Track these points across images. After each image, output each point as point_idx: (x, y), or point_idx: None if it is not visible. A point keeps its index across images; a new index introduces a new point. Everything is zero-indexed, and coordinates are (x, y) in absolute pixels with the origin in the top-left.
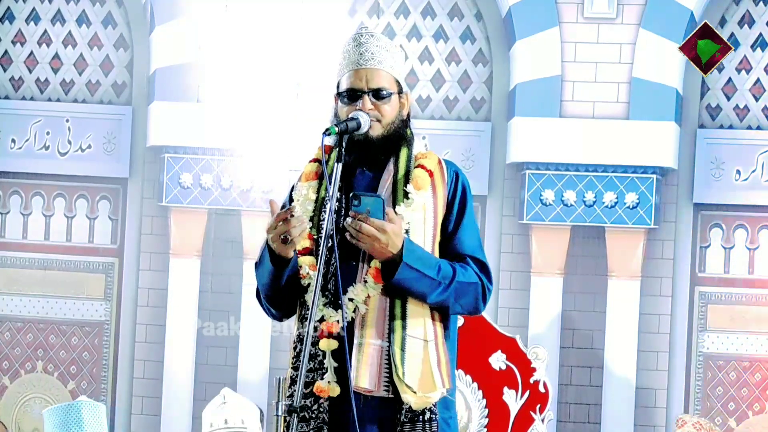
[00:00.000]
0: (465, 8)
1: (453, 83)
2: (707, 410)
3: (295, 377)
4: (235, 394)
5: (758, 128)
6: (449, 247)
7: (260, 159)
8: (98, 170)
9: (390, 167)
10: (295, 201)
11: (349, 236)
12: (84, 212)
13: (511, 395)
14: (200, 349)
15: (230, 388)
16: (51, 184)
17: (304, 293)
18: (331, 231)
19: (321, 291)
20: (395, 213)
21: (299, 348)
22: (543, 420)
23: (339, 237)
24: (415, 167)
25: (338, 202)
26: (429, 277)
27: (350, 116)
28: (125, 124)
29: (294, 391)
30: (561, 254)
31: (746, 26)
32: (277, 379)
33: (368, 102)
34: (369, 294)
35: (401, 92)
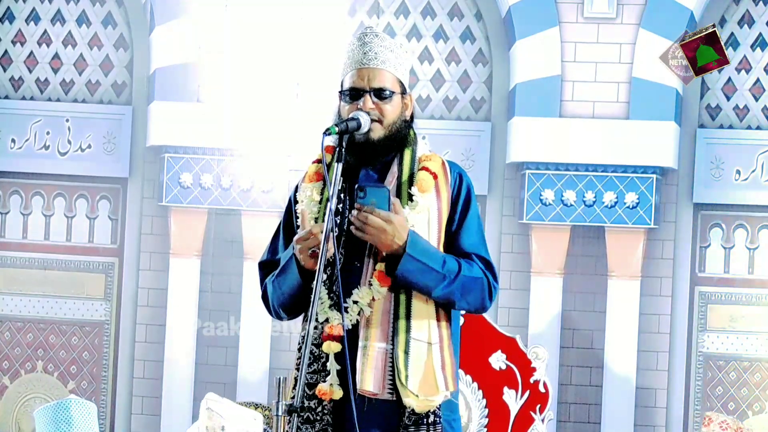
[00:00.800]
0: (465, 8)
1: (453, 83)
2: (707, 410)
3: (297, 378)
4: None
5: (758, 128)
6: (453, 246)
7: (260, 159)
8: (98, 170)
9: (394, 169)
10: (300, 202)
11: (355, 229)
12: (84, 212)
13: (511, 395)
14: (200, 349)
15: (230, 389)
16: (51, 184)
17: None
18: (334, 231)
19: (327, 293)
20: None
21: (303, 349)
22: (543, 420)
23: (344, 237)
24: (419, 170)
25: (341, 204)
26: (434, 270)
27: (350, 116)
28: (125, 124)
29: (296, 392)
30: (561, 254)
31: (746, 26)
32: (278, 379)
33: (369, 101)
34: (374, 296)
35: (404, 93)
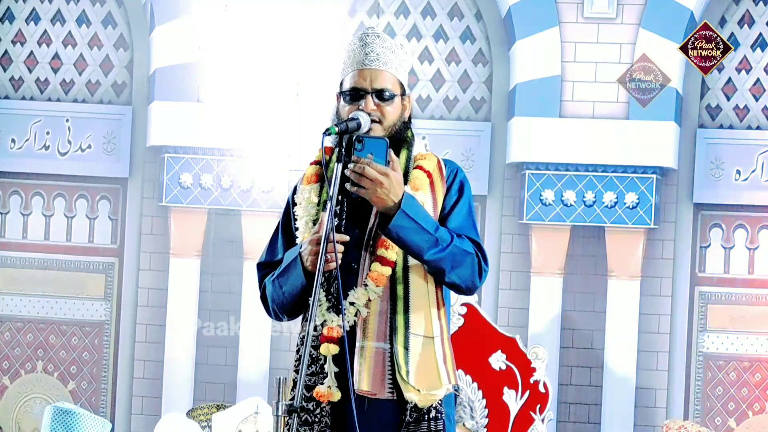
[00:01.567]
0: (465, 8)
1: (453, 83)
2: (707, 410)
3: (297, 380)
4: (268, 407)
5: (758, 128)
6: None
7: (260, 159)
8: (98, 170)
9: None
10: (298, 204)
11: (350, 185)
12: (84, 212)
13: (511, 395)
14: (200, 349)
15: (230, 389)
16: (51, 184)
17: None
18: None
19: (324, 295)
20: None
21: (301, 350)
22: (543, 420)
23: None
24: (414, 168)
25: (339, 205)
26: (426, 231)
27: (351, 116)
28: (125, 124)
29: (295, 394)
30: (561, 254)
31: (746, 26)
32: (277, 379)
33: (371, 102)
34: (370, 297)
35: (404, 94)
